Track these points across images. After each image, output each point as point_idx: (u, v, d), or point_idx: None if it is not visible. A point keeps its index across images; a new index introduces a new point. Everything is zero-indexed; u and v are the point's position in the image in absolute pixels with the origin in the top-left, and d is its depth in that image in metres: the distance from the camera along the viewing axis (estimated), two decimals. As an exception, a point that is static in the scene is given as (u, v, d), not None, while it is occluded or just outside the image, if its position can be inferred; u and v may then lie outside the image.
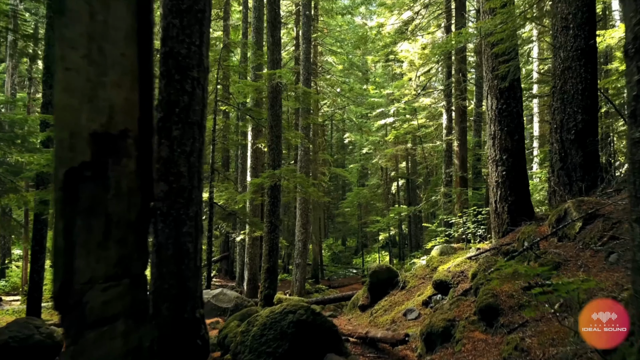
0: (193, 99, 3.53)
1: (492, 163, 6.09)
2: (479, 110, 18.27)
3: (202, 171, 3.64)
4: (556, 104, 7.92)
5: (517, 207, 5.75)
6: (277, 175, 10.01)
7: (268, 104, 10.49)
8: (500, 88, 5.89)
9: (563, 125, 7.78)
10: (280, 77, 9.97)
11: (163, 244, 3.45)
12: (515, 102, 5.95)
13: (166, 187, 3.44)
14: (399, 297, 6.81)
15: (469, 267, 5.49)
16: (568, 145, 7.67)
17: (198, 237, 3.60)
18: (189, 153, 3.50)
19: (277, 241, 10.39)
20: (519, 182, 5.82)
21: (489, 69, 6.01)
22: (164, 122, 3.47)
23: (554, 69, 8.15)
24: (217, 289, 9.96)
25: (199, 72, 3.57)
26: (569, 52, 7.84)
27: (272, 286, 10.23)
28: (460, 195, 12.94)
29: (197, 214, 3.58)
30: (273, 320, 3.68)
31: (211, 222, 12.01)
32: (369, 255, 33.43)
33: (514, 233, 5.71)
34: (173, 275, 3.44)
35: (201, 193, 3.64)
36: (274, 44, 10.47)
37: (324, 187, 29.46)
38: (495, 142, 5.97)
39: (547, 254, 4.27)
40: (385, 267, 7.36)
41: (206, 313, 9.70)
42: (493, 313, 3.66)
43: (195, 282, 3.58)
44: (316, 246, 24.54)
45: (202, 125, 3.62)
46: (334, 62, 26.72)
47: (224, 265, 22.77)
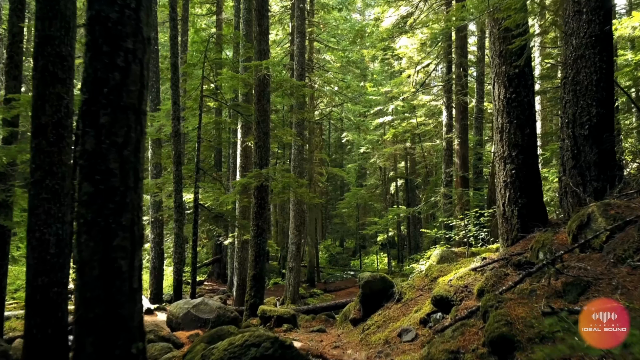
0: (127, 76, 2.78)
1: (499, 160, 5.35)
2: (480, 106, 17.57)
3: (140, 168, 2.89)
4: (568, 97, 7.18)
5: (528, 210, 5.02)
6: (264, 175, 9.26)
7: (255, 98, 9.74)
8: (509, 74, 5.15)
9: (576, 119, 7.04)
10: (268, 69, 9.21)
11: (87, 261, 2.70)
12: (526, 91, 5.22)
13: (91, 189, 2.69)
14: (394, 311, 6.06)
15: (473, 281, 4.74)
16: (581, 141, 6.93)
17: (135, 251, 2.85)
18: (121, 145, 2.75)
19: (264, 246, 9.64)
20: (530, 182, 5.09)
21: (495, 53, 5.27)
22: (88, 105, 2.72)
23: (564, 58, 7.40)
24: (199, 298, 9.20)
25: (136, 43, 2.82)
26: (581, 39, 7.09)
27: (259, 294, 9.48)
28: (461, 197, 12.20)
29: (134, 222, 2.82)
30: (232, 356, 2.94)
31: (196, 225, 11.26)
32: (367, 257, 32.74)
33: (526, 241, 4.96)
34: (100, 301, 2.70)
35: (140, 196, 2.88)
36: (261, 33, 9.73)
37: (321, 187, 28.74)
38: (503, 136, 5.23)
39: (570, 269, 3.53)
40: (380, 276, 6.61)
41: (186, 325, 8.96)
42: (507, 346, 2.91)
43: (131, 309, 2.83)
44: (312, 248, 23.81)
45: (141, 110, 2.86)
46: (331, 60, 26.01)
47: (216, 268, 22.03)
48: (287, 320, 7.39)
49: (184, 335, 7.97)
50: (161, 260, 14.44)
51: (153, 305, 14.14)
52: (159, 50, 14.95)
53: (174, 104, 11.01)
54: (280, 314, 7.45)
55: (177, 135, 11.06)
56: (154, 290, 14.74)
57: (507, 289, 3.62)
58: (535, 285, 3.46)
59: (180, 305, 8.85)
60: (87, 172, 2.71)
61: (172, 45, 11.13)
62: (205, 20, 24.42)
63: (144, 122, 2.92)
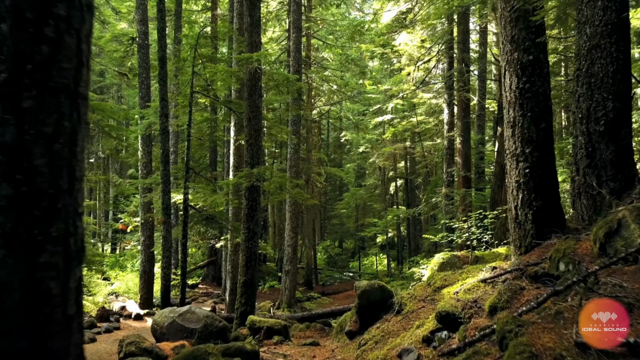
0: (59, 50, 2.20)
1: (511, 158, 4.79)
2: (482, 104, 17.03)
3: (79, 166, 2.32)
4: (581, 90, 6.62)
5: (544, 214, 4.46)
6: (255, 174, 8.70)
7: (245, 94, 9.17)
8: (522, 62, 4.60)
9: (590, 114, 6.49)
10: (259, 62, 8.65)
11: (5, 283, 2.13)
12: (541, 80, 4.67)
13: (11, 192, 2.12)
14: (394, 324, 5.50)
15: (484, 295, 4.18)
16: (596, 138, 6.38)
17: (70, 270, 2.28)
18: (51, 136, 2.17)
19: (255, 250, 9.08)
20: (546, 183, 4.54)
21: (507, 38, 4.72)
22: (8, 87, 2.15)
23: (578, 49, 6.85)
24: (186, 306, 8.63)
25: (71, 10, 2.24)
26: (597, 28, 6.54)
27: (250, 302, 8.92)
28: (464, 198, 11.63)
29: (69, 233, 2.25)
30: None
31: (186, 227, 10.69)
32: (366, 258, 32.23)
33: (542, 248, 4.41)
34: (22, 333, 2.14)
35: (78, 200, 2.31)
36: (252, 24, 9.16)
37: (319, 187, 28.19)
38: (516, 131, 4.68)
39: (603, 286, 2.97)
40: (378, 285, 6.05)
41: (171, 335, 8.36)
42: (534, 387, 2.36)
43: (65, 341, 2.26)
44: (310, 250, 23.24)
45: (78, 93, 2.29)
46: (330, 58, 25.47)
47: (211, 270, 21.45)
48: (278, 331, 6.83)
49: (169, 347, 7.39)
50: (152, 263, 13.87)
51: (143, 311, 13.57)
52: (149, 46, 14.37)
53: (162, 100, 10.45)
54: (270, 325, 6.89)
55: (165, 133, 10.50)
56: (144, 295, 14.17)
57: (527, 310, 3.06)
58: (561, 306, 2.90)
59: (165, 314, 8.28)
60: (6, 171, 2.14)
61: (159, 37, 10.56)
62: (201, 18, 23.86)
63: (83, 109, 2.34)
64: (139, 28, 14.20)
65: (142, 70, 14.23)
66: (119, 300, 14.84)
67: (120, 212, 27.76)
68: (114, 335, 11.83)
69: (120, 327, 12.42)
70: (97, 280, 17.42)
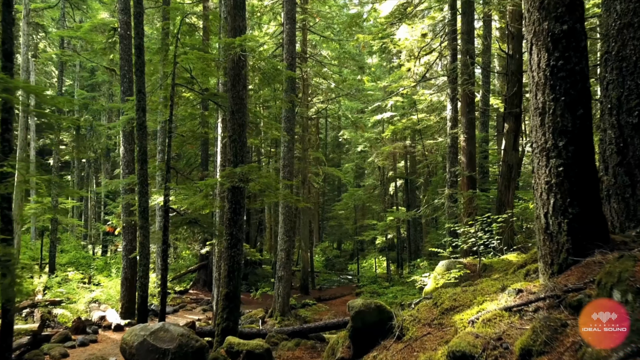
0: None
1: (539, 153, 3.84)
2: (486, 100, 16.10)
3: None
4: (610, 76, 5.69)
5: (582, 224, 3.51)
6: (238, 174, 7.74)
7: (228, 84, 8.22)
8: (553, 33, 3.66)
9: (621, 104, 5.57)
10: (242, 48, 7.69)
11: None
12: (578, 56, 3.72)
13: None
14: (394, 354, 4.54)
15: (509, 329, 3.23)
16: (629, 131, 5.45)
17: None
18: None
19: (239, 259, 8.12)
20: (585, 184, 3.60)
21: (534, 5, 3.77)
22: None
23: (606, 28, 5.90)
24: (159, 323, 7.66)
25: None
26: (629, 3, 5.58)
27: (232, 317, 7.96)
28: (471, 200, 10.66)
29: None
30: None
31: (166, 232, 9.72)
32: (365, 261, 31.30)
33: (582, 267, 3.45)
34: None
35: None
36: (236, 7, 8.21)
37: (317, 188, 27.24)
38: (546, 120, 3.73)
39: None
40: (375, 305, 5.10)
41: (141, 357, 7.25)
42: None
43: None
44: (306, 252, 22.29)
45: None
46: (328, 55, 24.54)
47: (202, 275, 20.48)
48: (260, 356, 5.88)
49: (134, 372, 6.45)
50: (134, 270, 12.90)
51: (124, 321, 12.61)
52: (132, 37, 13.41)
53: (139, 93, 9.48)
54: (251, 349, 5.93)
55: (142, 128, 9.54)
56: (126, 304, 13.23)
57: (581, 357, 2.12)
58: None
59: (135, 332, 7.31)
60: None
61: (136, 24, 9.59)
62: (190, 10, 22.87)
63: None
64: (120, 18, 13.26)
65: (123, 62, 13.29)
66: (100, 309, 13.87)
67: (107, 214, 26.83)
68: (89, 349, 10.85)
69: (98, 339, 11.45)
70: (82, 285, 16.47)
